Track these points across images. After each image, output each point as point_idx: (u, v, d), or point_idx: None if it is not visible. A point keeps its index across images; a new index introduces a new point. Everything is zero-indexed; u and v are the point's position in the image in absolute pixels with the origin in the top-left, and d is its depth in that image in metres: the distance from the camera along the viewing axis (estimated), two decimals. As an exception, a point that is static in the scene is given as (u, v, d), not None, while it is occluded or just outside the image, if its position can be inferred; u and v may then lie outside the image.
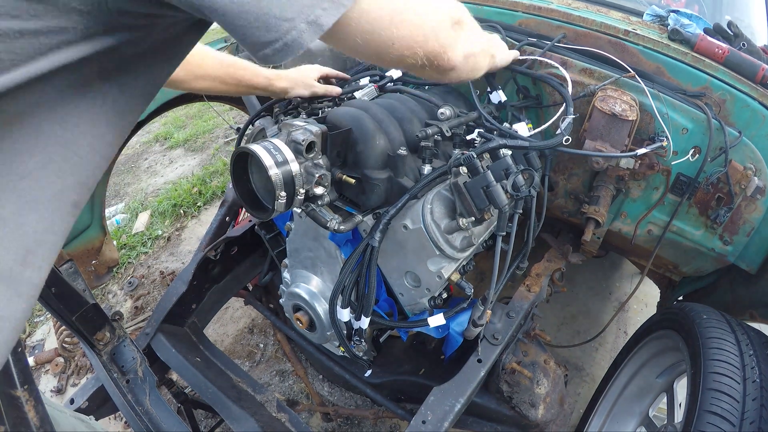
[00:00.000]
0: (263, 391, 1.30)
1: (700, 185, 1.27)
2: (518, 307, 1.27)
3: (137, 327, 2.42)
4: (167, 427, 1.18)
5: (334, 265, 1.22)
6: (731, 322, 1.07)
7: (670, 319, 1.25)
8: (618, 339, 2.23)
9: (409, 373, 1.31)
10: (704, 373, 0.93)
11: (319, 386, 1.81)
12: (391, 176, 1.03)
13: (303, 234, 1.25)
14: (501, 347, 1.17)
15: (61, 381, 2.24)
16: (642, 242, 1.44)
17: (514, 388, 1.16)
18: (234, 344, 2.31)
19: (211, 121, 5.04)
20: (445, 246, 1.00)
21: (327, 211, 1.03)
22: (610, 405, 1.45)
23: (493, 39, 1.06)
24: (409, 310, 1.18)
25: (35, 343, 2.57)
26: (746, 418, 0.84)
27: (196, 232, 3.23)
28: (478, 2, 1.51)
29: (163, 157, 4.52)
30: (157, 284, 2.77)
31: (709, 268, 1.43)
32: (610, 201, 1.35)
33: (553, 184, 1.49)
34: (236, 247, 1.66)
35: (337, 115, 1.06)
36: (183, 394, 1.48)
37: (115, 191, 4.04)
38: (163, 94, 1.79)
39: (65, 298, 1.18)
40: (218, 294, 1.65)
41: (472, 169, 0.93)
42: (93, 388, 1.32)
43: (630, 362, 1.42)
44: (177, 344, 1.40)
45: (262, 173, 0.92)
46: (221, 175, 3.86)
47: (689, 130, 1.22)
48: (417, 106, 1.19)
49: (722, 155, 1.20)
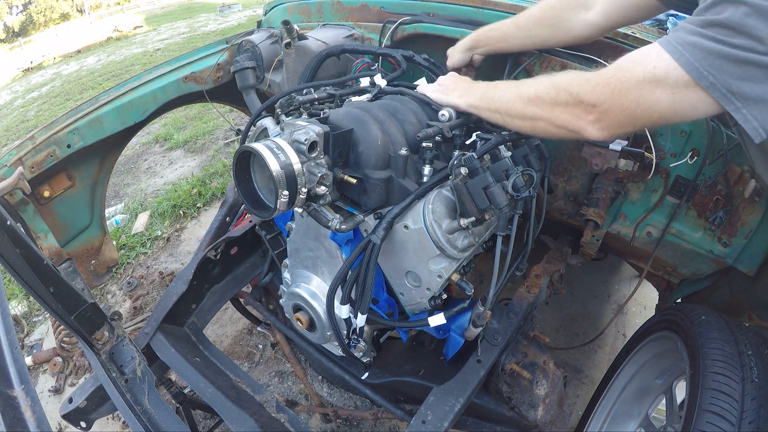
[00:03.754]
0: (262, 391, 1.30)
1: (699, 187, 1.28)
2: (518, 308, 1.28)
3: (136, 327, 2.42)
4: (166, 427, 1.18)
5: (335, 265, 1.22)
6: (730, 323, 1.08)
7: (668, 320, 1.25)
8: (617, 341, 2.24)
9: (409, 373, 1.31)
10: (703, 373, 0.94)
11: (319, 387, 1.81)
12: (392, 176, 1.03)
13: (304, 234, 1.25)
14: (501, 348, 1.17)
15: (60, 381, 2.24)
16: (641, 244, 1.45)
17: (513, 389, 1.17)
18: (233, 345, 2.31)
19: (211, 123, 5.05)
20: (445, 246, 1.00)
21: (328, 211, 1.04)
22: (609, 406, 1.45)
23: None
24: (410, 310, 1.18)
25: (33, 342, 2.56)
26: (745, 417, 0.84)
27: (195, 233, 3.22)
28: (479, 6, 1.52)
29: (163, 158, 4.52)
30: (156, 285, 2.77)
31: (708, 270, 1.44)
32: (609, 203, 1.36)
33: (552, 186, 1.50)
34: (236, 247, 1.66)
35: (339, 116, 1.07)
36: (182, 394, 1.48)
37: (114, 192, 4.04)
38: (164, 95, 1.80)
39: (64, 297, 1.18)
40: (218, 294, 1.65)
41: (472, 169, 0.94)
42: (91, 387, 1.31)
43: (629, 364, 1.42)
44: (176, 344, 1.40)
45: (264, 172, 0.92)
46: (221, 176, 3.86)
47: (688, 132, 1.23)
48: (418, 107, 1.19)
49: (721, 158, 1.21)
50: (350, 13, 1.80)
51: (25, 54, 18.43)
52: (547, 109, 0.89)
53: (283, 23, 1.55)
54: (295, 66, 1.64)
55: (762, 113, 0.70)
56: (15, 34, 26.91)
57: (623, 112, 0.79)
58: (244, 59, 1.70)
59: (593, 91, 0.81)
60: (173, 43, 11.43)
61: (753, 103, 0.69)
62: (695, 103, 0.73)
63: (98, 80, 9.01)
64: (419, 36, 1.58)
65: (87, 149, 1.65)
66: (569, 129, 0.87)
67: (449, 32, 1.49)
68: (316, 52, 1.63)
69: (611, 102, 0.79)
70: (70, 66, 12.18)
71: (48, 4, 28.56)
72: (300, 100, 1.20)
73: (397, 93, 1.27)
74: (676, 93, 0.74)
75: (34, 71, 13.46)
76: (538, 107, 0.91)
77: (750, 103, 0.69)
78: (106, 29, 17.21)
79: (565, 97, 0.85)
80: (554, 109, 0.88)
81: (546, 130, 0.93)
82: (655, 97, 0.75)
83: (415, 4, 1.65)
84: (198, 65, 1.87)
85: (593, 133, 0.83)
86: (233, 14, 14.48)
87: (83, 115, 1.62)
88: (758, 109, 0.69)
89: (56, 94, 9.00)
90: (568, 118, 0.86)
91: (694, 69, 0.71)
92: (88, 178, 1.76)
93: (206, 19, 14.62)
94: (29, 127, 7.19)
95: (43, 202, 1.62)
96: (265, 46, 1.77)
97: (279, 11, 2.05)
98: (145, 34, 14.84)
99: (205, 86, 1.87)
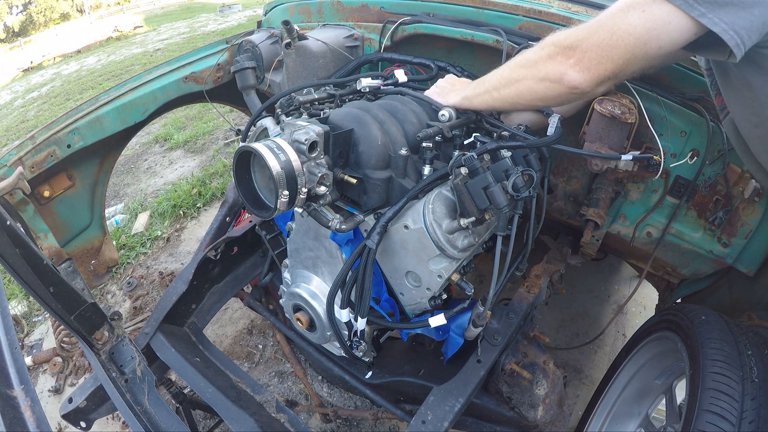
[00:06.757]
0: (262, 391, 1.30)
1: (699, 188, 1.28)
2: (518, 308, 1.28)
3: (136, 327, 2.42)
4: (166, 427, 1.18)
5: (335, 265, 1.22)
6: (730, 323, 1.08)
7: (668, 320, 1.25)
8: (617, 341, 2.24)
9: (409, 373, 1.31)
10: (703, 373, 0.94)
11: (319, 387, 1.81)
12: (392, 176, 1.03)
13: (304, 234, 1.25)
14: (501, 348, 1.17)
15: (60, 381, 2.24)
16: (641, 244, 1.45)
17: (513, 389, 1.17)
18: (233, 345, 2.31)
19: (211, 123, 5.05)
20: (446, 246, 1.00)
21: (328, 211, 1.04)
22: (609, 406, 1.45)
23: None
24: (410, 310, 1.18)
25: (33, 342, 2.56)
26: (745, 417, 0.84)
27: (195, 233, 3.22)
28: (479, 6, 1.52)
29: (163, 158, 4.52)
30: (156, 285, 2.77)
31: (708, 270, 1.44)
32: (609, 203, 1.36)
33: (552, 187, 1.50)
34: (236, 247, 1.66)
35: (339, 116, 1.07)
36: (182, 394, 1.47)
37: (114, 192, 4.04)
38: (164, 95, 1.80)
39: (63, 297, 1.17)
40: (218, 294, 1.65)
41: (472, 169, 0.94)
42: (91, 387, 1.31)
43: (629, 364, 1.43)
44: (176, 344, 1.40)
45: (264, 172, 0.92)
46: (221, 176, 3.86)
47: (688, 132, 1.23)
48: (418, 107, 1.19)
49: (720, 158, 1.21)
50: (350, 13, 1.80)
51: (25, 54, 18.43)
52: (531, 66, 0.91)
53: (283, 23, 1.55)
54: (295, 66, 1.64)
55: (729, 15, 0.70)
56: (15, 34, 26.91)
57: (600, 45, 0.80)
58: (244, 59, 1.70)
59: (571, 34, 0.84)
60: (173, 43, 11.43)
61: (718, 7, 0.70)
62: (666, 17, 0.74)
63: (98, 80, 9.01)
64: (419, 36, 1.58)
65: (87, 149, 1.65)
66: (551, 79, 0.87)
67: (449, 32, 1.49)
68: (316, 52, 1.63)
69: (588, 38, 0.81)
70: (70, 66, 12.18)
71: (48, 4, 28.56)
72: (300, 100, 1.20)
73: (398, 93, 1.27)
74: (646, 10, 0.75)
75: (34, 71, 13.46)
76: (523, 67, 0.93)
77: (715, 6, 0.70)
78: (106, 29, 17.21)
79: (548, 49, 0.88)
80: (537, 64, 0.90)
81: (530, 89, 0.93)
82: (628, 20, 0.77)
83: (415, 4, 1.65)
84: (198, 65, 1.87)
85: (574, 77, 0.84)
86: (233, 14, 14.47)
87: (83, 115, 1.62)
88: (724, 12, 0.70)
89: (56, 94, 9.00)
90: (549, 67, 0.87)
91: None
92: (88, 178, 1.76)
93: (206, 19, 14.62)
94: (29, 127, 7.19)
95: (43, 202, 1.62)
96: (265, 46, 1.77)
97: (279, 11, 2.05)
98: (145, 34, 14.84)
99: (205, 86, 1.87)
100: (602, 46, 0.80)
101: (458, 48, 1.57)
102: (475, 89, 1.08)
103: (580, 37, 0.82)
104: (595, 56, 0.81)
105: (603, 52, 0.80)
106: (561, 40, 0.85)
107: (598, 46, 0.80)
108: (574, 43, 0.83)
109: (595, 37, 0.80)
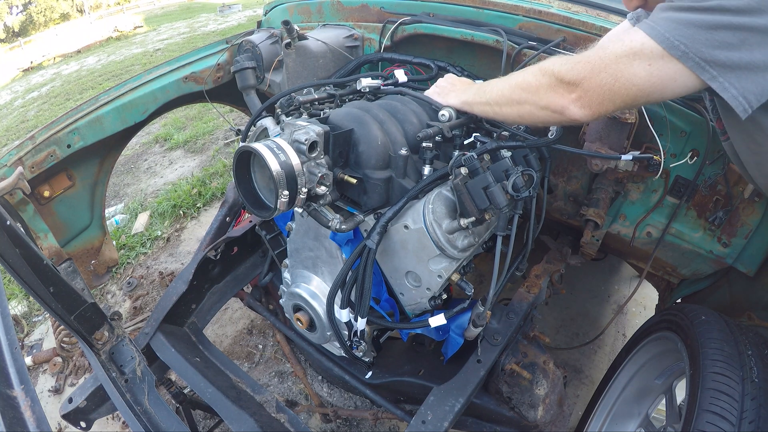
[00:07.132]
0: (262, 391, 1.30)
1: (699, 188, 1.28)
2: (518, 308, 1.28)
3: (136, 327, 2.42)
4: (166, 427, 1.18)
5: (335, 265, 1.22)
6: (730, 323, 1.08)
7: (668, 320, 1.25)
8: (617, 341, 2.24)
9: (409, 373, 1.31)
10: (703, 373, 0.94)
11: (319, 387, 1.81)
12: (392, 176, 1.03)
13: (304, 234, 1.25)
14: (501, 348, 1.17)
15: (60, 381, 2.24)
16: (641, 244, 1.45)
17: (513, 389, 1.17)
18: (233, 345, 2.31)
19: (211, 123, 5.05)
20: (446, 246, 1.00)
21: (328, 211, 1.04)
22: (609, 406, 1.45)
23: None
24: (410, 310, 1.18)
25: (33, 342, 2.56)
26: (745, 417, 0.84)
27: (195, 233, 3.22)
28: (479, 6, 1.52)
29: (163, 159, 4.52)
30: (156, 285, 2.76)
31: (708, 270, 1.44)
32: (609, 203, 1.36)
33: (552, 187, 1.50)
34: (236, 247, 1.66)
35: (339, 116, 1.07)
36: (182, 394, 1.47)
37: (114, 192, 4.04)
38: (164, 95, 1.80)
39: (63, 297, 1.17)
40: (218, 294, 1.65)
41: (472, 169, 0.94)
42: (91, 387, 1.31)
43: (629, 364, 1.43)
44: (176, 344, 1.40)
45: (264, 172, 0.92)
46: (221, 176, 3.86)
47: (688, 132, 1.23)
48: (418, 107, 1.19)
49: (720, 158, 1.21)
50: (350, 13, 1.80)
51: (25, 54, 18.43)
52: (532, 92, 0.90)
53: (283, 23, 1.55)
54: (295, 66, 1.64)
55: (740, 80, 0.68)
56: (15, 34, 26.90)
57: (602, 88, 0.79)
58: (244, 59, 1.70)
59: (573, 69, 0.82)
60: (173, 43, 11.43)
61: (729, 71, 0.68)
62: (673, 75, 0.73)
63: (98, 80, 9.00)
64: (419, 36, 1.58)
65: (87, 149, 1.65)
66: (552, 109, 0.87)
67: (449, 32, 1.49)
68: (316, 52, 1.63)
69: (590, 78, 0.79)
70: (70, 66, 12.18)
71: (48, 4, 28.55)
72: (300, 100, 1.20)
73: (398, 93, 1.27)
74: (652, 65, 0.74)
75: (34, 71, 13.46)
76: (524, 91, 0.92)
77: (726, 70, 0.69)
78: (106, 29, 17.20)
79: (549, 78, 0.86)
80: (539, 91, 0.89)
81: (532, 114, 0.93)
82: (633, 70, 0.75)
83: (415, 4, 1.65)
84: (198, 65, 1.87)
85: (575, 111, 0.84)
86: (233, 14, 14.47)
87: (83, 115, 1.62)
88: (735, 76, 0.68)
89: (56, 94, 9.00)
90: (551, 99, 0.86)
91: (665, 39, 0.71)
92: (88, 178, 1.76)
93: (206, 19, 14.62)
94: (29, 127, 7.19)
95: (43, 202, 1.62)
96: (265, 46, 1.77)
97: (279, 11, 2.05)
98: (145, 34, 14.84)
99: (205, 86, 1.87)
100: (604, 89, 0.79)
101: (458, 48, 1.57)
102: (475, 96, 1.07)
103: (582, 75, 0.80)
104: (596, 97, 0.80)
105: (605, 95, 0.79)
106: (562, 74, 0.84)
107: (600, 87, 0.79)
108: (576, 80, 0.81)
109: (598, 78, 0.79)
